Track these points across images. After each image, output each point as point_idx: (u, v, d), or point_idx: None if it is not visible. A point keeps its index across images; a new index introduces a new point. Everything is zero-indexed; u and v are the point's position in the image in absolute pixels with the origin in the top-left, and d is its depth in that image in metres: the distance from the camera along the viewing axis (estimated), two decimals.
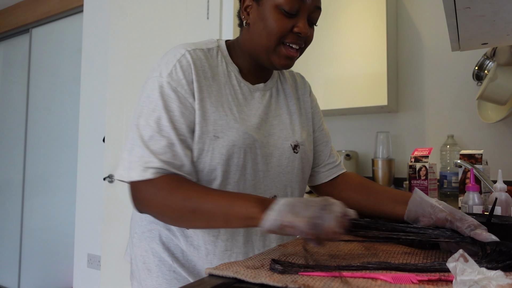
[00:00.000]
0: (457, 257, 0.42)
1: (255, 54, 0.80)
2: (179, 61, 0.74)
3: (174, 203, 0.65)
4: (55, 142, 3.17)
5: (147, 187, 0.67)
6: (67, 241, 2.92)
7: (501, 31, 1.01)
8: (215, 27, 2.05)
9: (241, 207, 0.60)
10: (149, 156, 0.68)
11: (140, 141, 0.70)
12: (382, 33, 1.90)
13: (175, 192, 0.66)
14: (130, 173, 0.68)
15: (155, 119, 0.71)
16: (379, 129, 2.11)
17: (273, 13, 0.74)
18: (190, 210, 0.64)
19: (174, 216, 0.67)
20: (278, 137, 0.83)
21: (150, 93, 0.73)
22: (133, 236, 0.85)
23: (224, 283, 0.49)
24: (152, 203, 0.68)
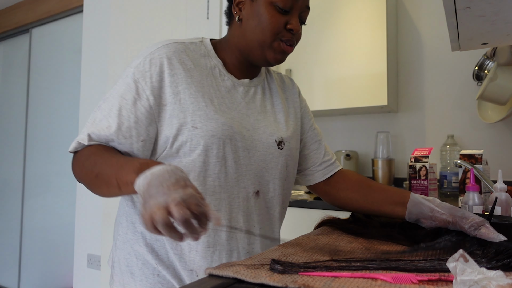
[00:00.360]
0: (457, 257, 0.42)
1: (248, 49, 0.81)
2: (151, 54, 0.75)
3: (86, 169, 0.69)
4: (55, 142, 3.17)
5: (74, 159, 0.74)
6: (67, 241, 2.92)
7: (501, 31, 1.01)
8: (215, 27, 2.05)
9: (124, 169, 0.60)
10: (86, 135, 0.72)
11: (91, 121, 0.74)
12: (382, 33, 1.90)
13: (89, 158, 0.69)
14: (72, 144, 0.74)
15: (110, 104, 0.74)
16: (379, 129, 2.11)
17: (268, 9, 0.76)
18: (95, 175, 0.66)
19: (87, 181, 0.70)
20: (263, 131, 0.83)
21: (121, 81, 0.76)
22: (116, 239, 0.84)
23: (224, 283, 0.49)
24: (76, 173, 0.73)
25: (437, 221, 0.71)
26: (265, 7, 0.76)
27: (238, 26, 0.81)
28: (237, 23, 0.81)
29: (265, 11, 0.76)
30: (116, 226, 0.86)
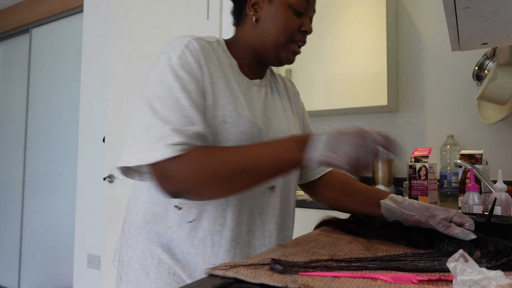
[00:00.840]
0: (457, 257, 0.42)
1: (261, 48, 0.83)
2: (187, 46, 0.74)
3: (217, 167, 0.63)
4: (55, 142, 3.17)
5: (181, 163, 0.63)
6: (67, 241, 2.92)
7: (501, 31, 1.01)
8: (215, 27, 2.05)
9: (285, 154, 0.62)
10: (172, 135, 0.64)
11: (160, 121, 0.65)
12: (382, 33, 1.90)
13: (214, 156, 0.63)
14: (152, 154, 0.63)
15: (173, 100, 0.68)
16: (379, 129, 2.11)
17: (285, 11, 0.79)
18: (235, 171, 0.62)
19: (219, 184, 0.64)
20: (276, 130, 0.86)
21: (161, 77, 0.71)
22: (128, 238, 0.82)
23: (224, 283, 0.49)
24: (190, 177, 0.63)
25: (410, 222, 0.73)
26: (282, 9, 0.79)
27: (253, 26, 0.83)
28: (251, 23, 0.83)
29: (282, 13, 0.79)
30: (126, 226, 0.85)
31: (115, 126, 2.20)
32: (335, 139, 0.58)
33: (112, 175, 2.17)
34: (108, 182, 2.18)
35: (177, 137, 0.64)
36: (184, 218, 0.77)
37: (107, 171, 2.19)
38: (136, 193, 0.84)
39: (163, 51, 0.75)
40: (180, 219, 0.77)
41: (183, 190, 0.65)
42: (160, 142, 0.63)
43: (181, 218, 0.77)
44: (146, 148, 0.64)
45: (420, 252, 0.62)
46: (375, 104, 1.90)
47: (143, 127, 0.66)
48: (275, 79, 0.97)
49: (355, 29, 1.98)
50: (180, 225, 0.77)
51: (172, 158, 0.62)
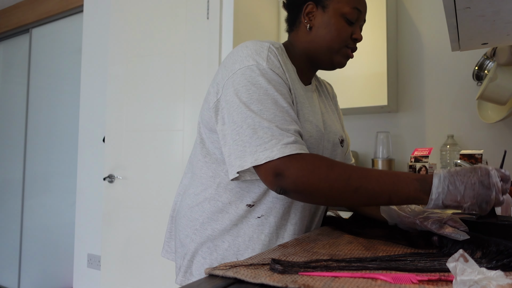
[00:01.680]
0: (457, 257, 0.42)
1: (315, 54, 0.88)
2: (270, 51, 0.77)
3: (336, 181, 0.65)
4: (55, 142, 3.17)
5: (299, 165, 0.66)
6: (67, 241, 2.92)
7: (501, 31, 1.01)
8: (215, 27, 2.05)
9: (404, 189, 0.63)
10: (281, 134, 0.67)
11: (266, 122, 0.68)
12: (382, 33, 1.90)
13: (333, 170, 0.66)
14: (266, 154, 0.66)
15: (272, 101, 0.71)
16: (379, 129, 2.11)
17: (338, 20, 0.84)
18: (353, 189, 0.65)
19: (331, 195, 0.66)
20: (329, 131, 0.90)
21: (252, 80, 0.73)
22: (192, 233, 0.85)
23: (224, 283, 0.49)
24: (307, 181, 0.65)
25: (406, 224, 0.75)
26: (335, 18, 0.84)
27: (307, 33, 0.87)
28: (305, 30, 0.87)
29: (336, 22, 0.84)
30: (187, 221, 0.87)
31: (115, 126, 2.20)
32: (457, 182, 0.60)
33: (112, 175, 2.17)
34: (108, 182, 2.18)
35: (287, 137, 0.67)
36: (254, 214, 0.81)
37: (107, 171, 2.19)
38: (201, 192, 0.86)
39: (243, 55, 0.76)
40: (250, 214, 0.81)
41: (295, 189, 0.67)
42: (271, 141, 0.67)
43: (251, 214, 0.81)
44: (260, 149, 0.67)
45: (420, 252, 0.62)
46: (375, 104, 1.90)
47: (249, 129, 0.69)
48: (319, 83, 1.01)
49: None
50: (249, 221, 0.81)
51: (290, 156, 0.66)
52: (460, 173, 0.61)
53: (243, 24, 2.13)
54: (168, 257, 0.96)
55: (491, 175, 0.59)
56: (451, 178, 0.60)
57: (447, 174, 0.61)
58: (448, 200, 0.60)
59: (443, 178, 0.61)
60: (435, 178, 0.61)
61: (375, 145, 2.03)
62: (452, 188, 0.60)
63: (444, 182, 0.61)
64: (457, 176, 0.61)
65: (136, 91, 2.16)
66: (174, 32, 2.12)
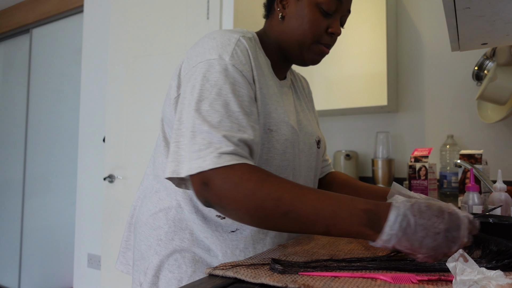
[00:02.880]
0: (457, 257, 0.42)
1: (286, 47, 0.79)
2: (237, 45, 0.69)
3: (260, 200, 0.55)
4: (55, 142, 3.17)
5: (225, 176, 0.56)
6: (67, 241, 2.92)
7: (501, 31, 1.01)
8: (215, 27, 2.05)
9: (345, 220, 0.53)
10: (219, 142, 0.58)
11: (207, 126, 0.59)
12: (382, 33, 1.90)
13: (262, 187, 0.55)
14: (199, 163, 0.57)
15: (222, 103, 0.61)
16: (379, 129, 2.11)
17: (312, 10, 0.74)
18: (282, 213, 0.54)
19: (257, 216, 0.56)
20: (305, 132, 0.83)
21: (209, 76, 0.64)
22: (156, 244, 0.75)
23: (224, 283, 0.49)
24: (231, 196, 0.56)
25: None
26: (309, 8, 0.74)
27: (280, 22, 0.78)
28: (278, 20, 0.78)
29: (309, 13, 0.74)
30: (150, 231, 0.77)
31: (115, 126, 2.20)
32: (416, 225, 0.49)
33: (112, 175, 2.17)
34: (108, 182, 2.18)
35: (225, 145, 0.58)
36: (226, 228, 0.72)
37: (107, 171, 2.19)
38: (166, 197, 0.77)
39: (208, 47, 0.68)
40: (222, 228, 0.72)
41: (218, 203, 0.58)
42: (207, 149, 0.58)
43: (222, 228, 0.72)
44: (194, 156, 0.58)
45: None
46: (375, 104, 1.90)
47: (189, 131, 0.60)
48: (294, 78, 0.93)
49: (355, 29, 1.98)
50: (221, 235, 0.72)
51: (220, 168, 0.56)
52: (424, 214, 0.49)
53: (243, 24, 2.13)
54: (123, 269, 0.85)
55: (461, 227, 0.49)
56: (412, 218, 0.49)
57: (407, 212, 0.50)
58: (401, 245, 0.49)
59: (402, 217, 0.49)
60: (392, 214, 0.50)
61: (375, 145, 2.03)
62: (410, 231, 0.49)
63: (402, 222, 0.49)
64: (420, 218, 0.49)
65: (136, 91, 2.16)
66: (174, 32, 2.11)
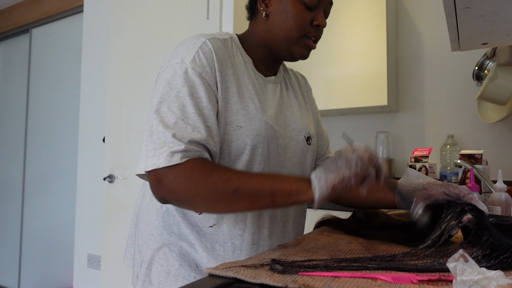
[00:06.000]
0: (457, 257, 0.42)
1: (273, 45, 0.81)
2: (201, 48, 0.73)
3: (212, 185, 0.62)
4: (55, 142, 3.17)
5: (177, 172, 0.62)
6: (67, 241, 2.92)
7: (501, 31, 1.01)
8: (215, 27, 2.05)
9: (286, 183, 0.62)
10: (172, 142, 0.63)
11: (162, 127, 0.65)
12: (382, 33, 1.90)
13: (212, 174, 0.62)
14: (153, 161, 0.63)
15: (179, 105, 0.67)
16: (379, 129, 2.11)
17: (295, 5, 0.77)
18: (232, 191, 0.61)
19: (211, 199, 0.63)
20: (292, 128, 0.85)
21: (171, 79, 0.70)
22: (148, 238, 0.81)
23: (224, 283, 0.49)
24: (184, 188, 0.62)
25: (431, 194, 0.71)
26: (292, 4, 0.77)
27: (264, 22, 0.81)
28: (263, 19, 0.81)
29: (293, 8, 0.77)
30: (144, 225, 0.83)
31: (115, 126, 2.20)
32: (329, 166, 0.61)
33: (112, 175, 2.17)
34: (108, 182, 2.18)
35: (177, 145, 0.63)
36: (205, 222, 0.76)
37: (107, 171, 2.19)
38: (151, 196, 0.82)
39: (177, 52, 0.74)
40: (201, 223, 0.76)
41: (173, 198, 0.64)
42: (162, 148, 0.63)
43: (202, 223, 0.76)
44: (150, 154, 0.64)
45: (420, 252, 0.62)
46: (375, 104, 1.90)
47: (149, 131, 0.67)
48: (288, 75, 0.95)
49: (355, 29, 1.98)
50: (201, 230, 0.77)
51: (171, 167, 0.62)
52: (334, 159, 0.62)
53: (243, 24, 2.12)
54: (128, 263, 0.91)
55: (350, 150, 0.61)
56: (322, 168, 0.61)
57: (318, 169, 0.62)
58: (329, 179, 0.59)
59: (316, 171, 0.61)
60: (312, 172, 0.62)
61: (375, 145, 2.03)
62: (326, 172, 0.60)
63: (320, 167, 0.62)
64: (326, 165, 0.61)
65: (136, 91, 2.16)
66: (174, 32, 2.11)
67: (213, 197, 0.62)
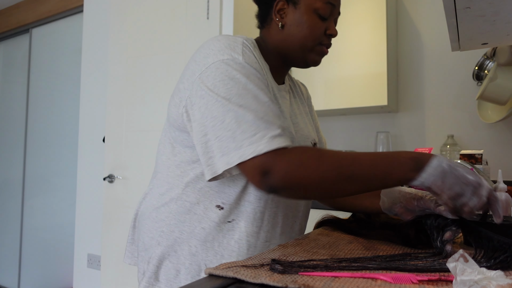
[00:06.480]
0: (457, 257, 0.42)
1: (288, 52, 0.84)
2: (244, 46, 0.74)
3: (326, 172, 0.61)
4: (55, 142, 3.17)
5: (286, 158, 0.62)
6: (67, 241, 2.92)
7: (501, 31, 1.01)
8: (215, 27, 2.05)
9: (399, 169, 0.61)
10: (268, 127, 0.63)
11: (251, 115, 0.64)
12: (382, 33, 1.90)
13: (324, 160, 0.62)
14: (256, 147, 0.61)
15: (252, 96, 0.66)
16: (379, 129, 2.11)
17: (311, 17, 0.80)
18: (346, 178, 0.61)
19: (324, 186, 0.63)
20: (301, 135, 0.87)
21: (231, 75, 0.68)
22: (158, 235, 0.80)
23: (224, 283, 0.49)
24: (297, 175, 0.61)
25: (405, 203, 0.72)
26: (308, 15, 0.80)
27: (279, 31, 0.84)
28: (278, 28, 0.84)
29: (308, 19, 0.80)
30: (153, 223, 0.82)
31: (115, 126, 2.20)
32: (452, 172, 0.58)
33: (112, 175, 2.17)
34: (108, 182, 2.18)
35: (273, 130, 0.63)
36: (224, 218, 0.77)
37: (107, 171, 2.19)
38: (166, 192, 0.81)
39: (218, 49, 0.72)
40: (220, 219, 0.77)
41: (285, 186, 0.62)
42: (258, 134, 0.62)
43: (220, 218, 0.77)
44: (246, 143, 0.62)
45: (420, 252, 0.62)
46: (375, 104, 1.90)
47: (232, 124, 0.64)
48: (292, 83, 0.98)
49: (355, 29, 1.98)
50: (218, 225, 0.77)
51: (276, 151, 0.61)
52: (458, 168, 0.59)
53: (243, 24, 2.13)
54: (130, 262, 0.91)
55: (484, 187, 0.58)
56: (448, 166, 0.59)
57: (446, 161, 0.59)
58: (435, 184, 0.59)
59: (441, 163, 0.59)
60: (434, 160, 0.59)
61: (375, 145, 2.03)
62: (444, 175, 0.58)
63: (440, 167, 0.59)
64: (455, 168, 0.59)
65: (136, 91, 2.16)
66: (174, 32, 2.11)
67: (326, 184, 0.62)
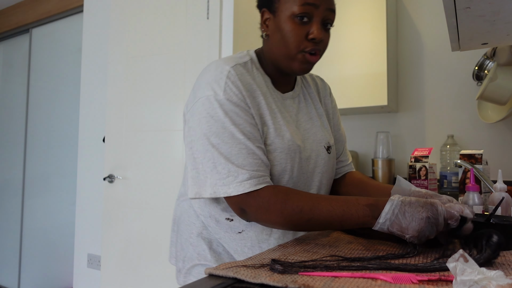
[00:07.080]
0: (457, 257, 0.42)
1: (277, 62, 0.84)
2: (228, 78, 0.76)
3: (289, 216, 0.69)
4: (55, 142, 3.17)
5: (254, 201, 0.71)
6: (67, 241, 2.92)
7: (501, 31, 1.01)
8: (215, 27, 2.05)
9: (354, 215, 0.66)
10: (236, 171, 0.71)
11: (223, 158, 0.72)
12: (382, 33, 1.90)
13: (287, 204, 0.70)
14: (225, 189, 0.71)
15: (229, 135, 0.73)
16: (379, 129, 2.11)
17: (288, 23, 0.78)
18: (306, 221, 0.69)
19: (288, 226, 0.71)
20: (313, 140, 0.88)
21: (212, 112, 0.74)
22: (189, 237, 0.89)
23: (224, 283, 0.49)
24: (265, 218, 0.72)
25: None
26: (285, 21, 0.78)
27: (266, 41, 0.85)
28: (266, 39, 0.85)
29: (286, 25, 0.78)
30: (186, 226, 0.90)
31: (115, 126, 2.20)
32: (406, 213, 0.61)
33: (112, 175, 2.17)
34: (108, 182, 2.18)
35: (242, 174, 0.71)
36: (234, 229, 0.83)
37: (107, 171, 2.19)
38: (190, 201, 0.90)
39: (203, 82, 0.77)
40: (231, 229, 0.83)
41: (257, 222, 0.75)
42: (229, 177, 0.71)
43: (231, 229, 0.83)
44: (219, 183, 0.71)
45: (419, 252, 0.62)
46: (375, 104, 1.90)
47: (210, 162, 0.73)
48: (307, 83, 0.97)
49: (355, 29, 1.98)
50: (230, 236, 0.83)
51: (248, 194, 0.71)
52: (412, 205, 0.61)
53: (243, 24, 2.13)
54: (173, 262, 0.98)
55: (440, 216, 0.60)
56: (402, 207, 0.62)
57: (399, 203, 0.62)
58: (393, 227, 0.62)
59: (395, 205, 0.62)
60: (388, 204, 0.63)
61: (375, 145, 2.03)
62: (401, 217, 0.61)
63: (395, 209, 0.62)
64: (409, 207, 0.61)
65: (136, 91, 2.16)
66: (174, 32, 2.11)
67: (290, 225, 0.71)
